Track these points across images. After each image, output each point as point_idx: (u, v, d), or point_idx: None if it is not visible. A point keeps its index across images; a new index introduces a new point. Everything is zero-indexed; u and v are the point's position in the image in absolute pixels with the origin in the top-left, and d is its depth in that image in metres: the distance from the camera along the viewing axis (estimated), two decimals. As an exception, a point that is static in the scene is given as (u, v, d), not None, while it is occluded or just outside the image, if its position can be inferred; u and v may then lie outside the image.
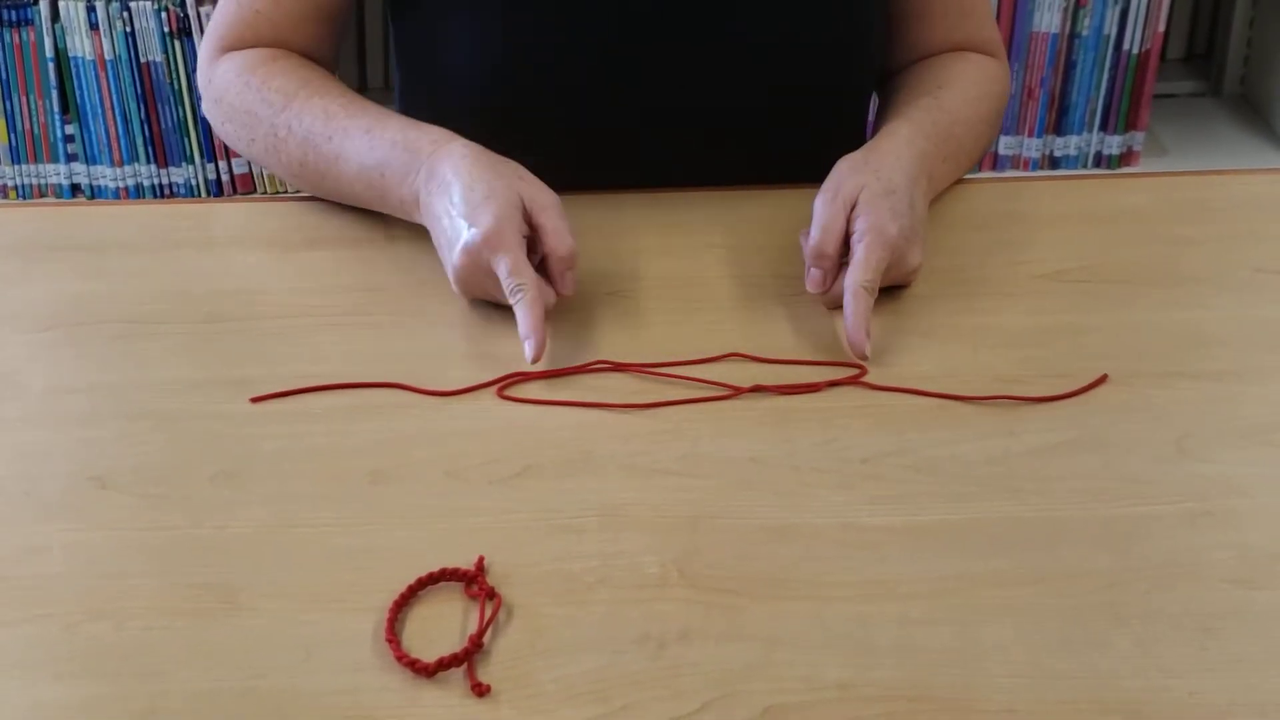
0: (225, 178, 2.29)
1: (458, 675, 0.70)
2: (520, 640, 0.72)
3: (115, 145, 2.26)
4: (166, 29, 2.18)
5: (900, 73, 1.16)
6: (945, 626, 0.73)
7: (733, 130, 1.12)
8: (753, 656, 0.71)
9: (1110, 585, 0.75)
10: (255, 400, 0.89)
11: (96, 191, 2.31)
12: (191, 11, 2.17)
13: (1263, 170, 1.18)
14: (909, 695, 0.69)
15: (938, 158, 1.04)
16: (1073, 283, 1.00)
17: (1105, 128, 2.34)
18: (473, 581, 0.75)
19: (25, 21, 2.19)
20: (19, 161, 2.29)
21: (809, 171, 1.06)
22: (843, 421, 0.87)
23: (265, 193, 2.30)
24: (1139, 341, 0.94)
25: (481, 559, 0.76)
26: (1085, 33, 2.27)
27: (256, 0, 1.09)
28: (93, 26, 2.18)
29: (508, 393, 0.89)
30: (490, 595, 0.74)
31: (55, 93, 2.23)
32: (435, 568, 0.76)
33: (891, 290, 0.97)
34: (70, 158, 2.28)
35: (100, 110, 2.24)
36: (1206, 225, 1.07)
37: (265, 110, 1.05)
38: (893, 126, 1.04)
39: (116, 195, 2.30)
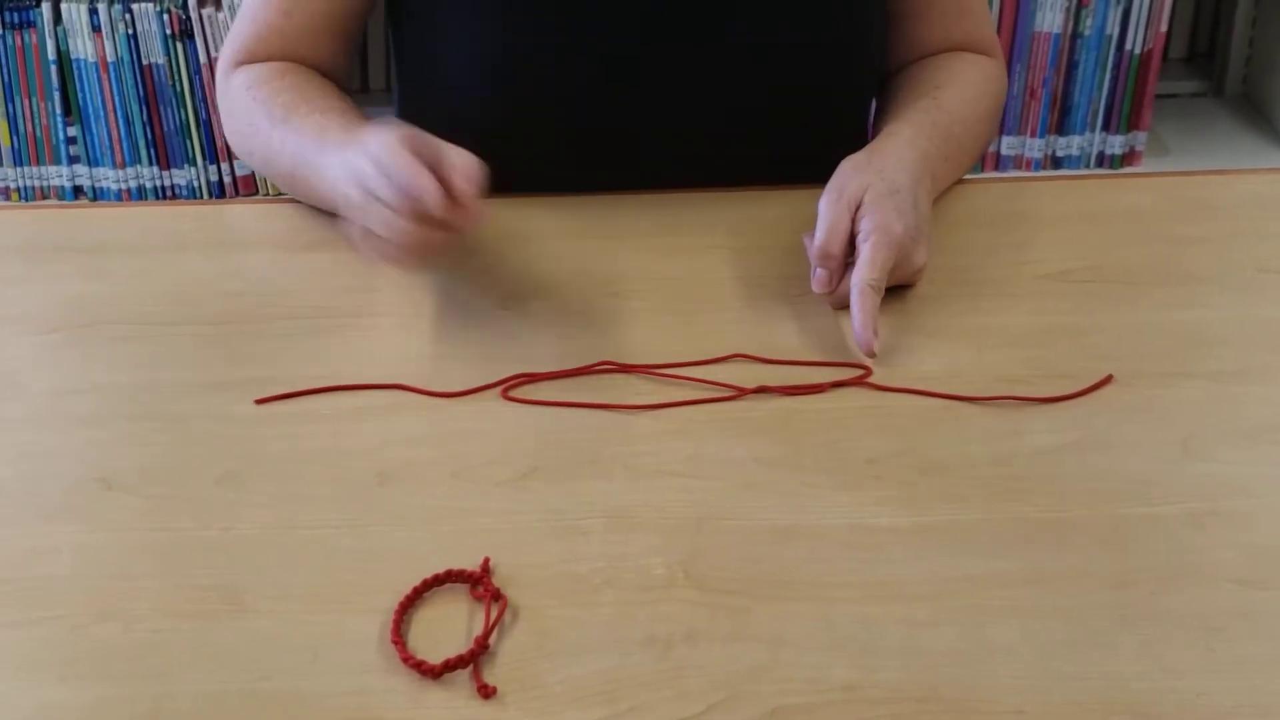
0: (227, 180, 2.29)
1: (464, 677, 0.70)
2: (526, 642, 0.72)
3: (117, 147, 2.26)
4: (168, 31, 2.18)
5: (898, 73, 1.16)
6: (951, 627, 0.73)
7: (733, 131, 1.12)
8: (759, 658, 0.71)
9: (1116, 586, 0.75)
10: (260, 402, 0.89)
11: (99, 193, 2.31)
12: (194, 14, 2.17)
13: (1266, 170, 1.18)
14: (915, 696, 0.69)
15: (939, 157, 1.05)
16: (1076, 283, 1.00)
17: (1108, 128, 2.34)
18: (478, 583, 0.75)
19: (27, 23, 2.19)
20: (21, 163, 2.28)
21: (810, 172, 1.06)
22: (848, 422, 0.87)
23: (268, 194, 2.30)
24: (1143, 342, 0.94)
25: (487, 560, 0.76)
26: (1087, 32, 2.27)
27: (269, 15, 1.10)
28: (95, 29, 2.18)
29: (513, 394, 0.89)
30: (496, 597, 0.74)
31: (57, 95, 2.23)
32: (441, 569, 0.76)
33: (896, 290, 0.97)
34: (72, 160, 2.28)
35: (102, 112, 2.24)
36: (1210, 225, 1.07)
37: (265, 122, 1.05)
38: (894, 128, 1.05)
39: (118, 197, 2.30)
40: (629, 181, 1.09)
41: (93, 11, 2.17)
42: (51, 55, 2.20)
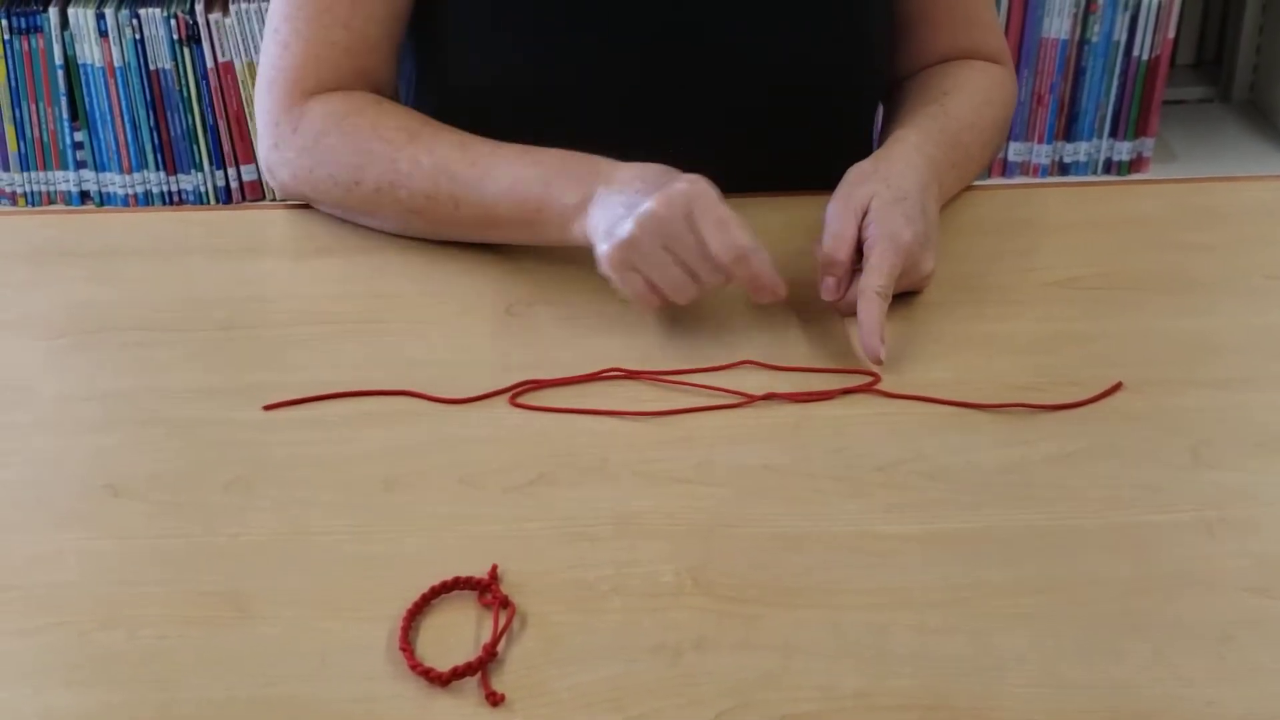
0: (234, 185, 2.29)
1: (472, 684, 0.70)
2: (534, 649, 0.72)
3: (124, 152, 2.27)
4: (176, 36, 2.18)
5: (906, 80, 1.16)
6: (962, 635, 0.72)
7: (739, 138, 1.12)
8: (769, 665, 0.71)
9: (1127, 594, 0.75)
10: (268, 408, 0.89)
11: (105, 199, 2.31)
12: (200, 19, 2.17)
13: (1274, 176, 1.18)
14: (926, 704, 0.69)
15: (946, 164, 1.04)
16: (1084, 290, 1.00)
17: (1115, 134, 2.33)
18: (486, 590, 0.75)
19: (35, 29, 2.19)
20: (28, 168, 2.29)
21: (816, 178, 1.06)
22: (856, 429, 0.87)
23: (275, 200, 2.30)
24: (1152, 349, 0.94)
25: (495, 567, 0.76)
26: (1095, 39, 2.26)
27: (330, 32, 1.04)
28: (102, 34, 2.18)
29: (521, 400, 0.89)
30: (504, 604, 0.74)
31: (64, 100, 2.23)
32: (449, 576, 0.76)
33: (903, 297, 0.97)
34: (79, 165, 2.29)
35: (109, 117, 2.24)
36: (1218, 232, 1.07)
37: (384, 148, 1.00)
38: (901, 134, 1.04)
39: (125, 202, 2.30)
40: None
41: (100, 16, 2.17)
42: (58, 60, 2.21)
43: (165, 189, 2.30)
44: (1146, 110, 2.32)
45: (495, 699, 0.69)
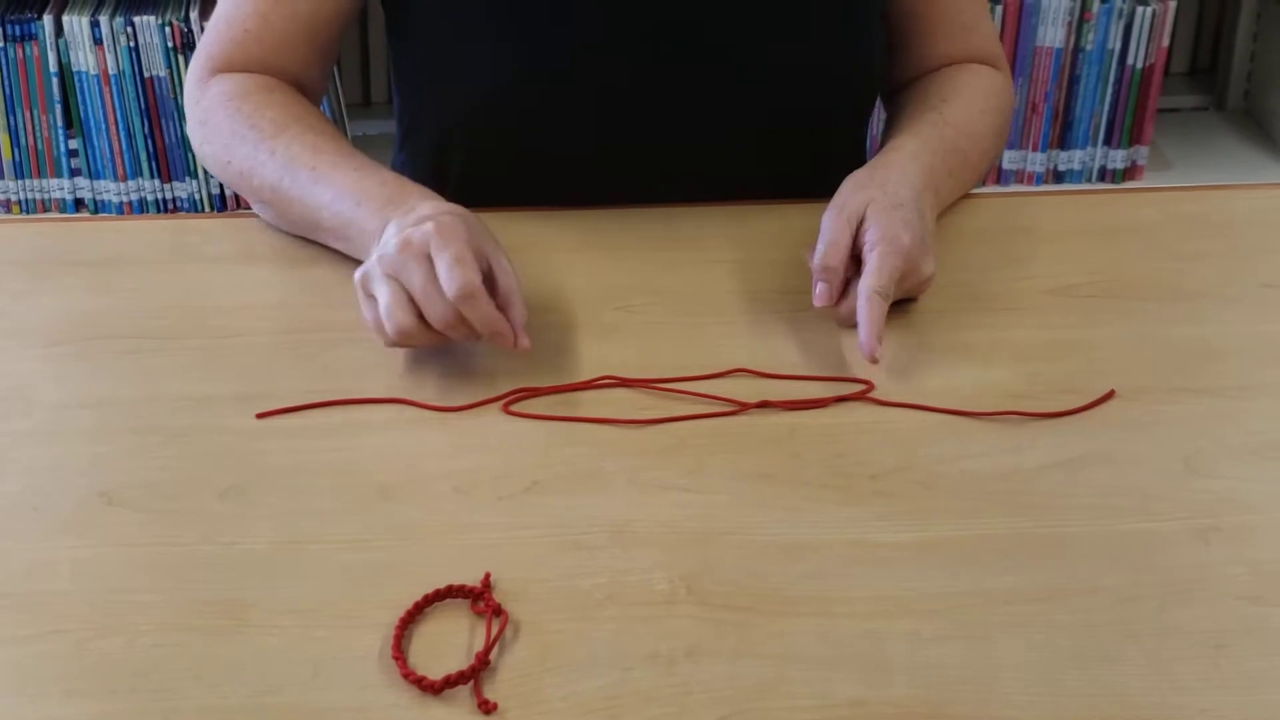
0: (229, 192, 2.29)
1: (465, 693, 0.70)
2: (528, 657, 0.72)
3: (119, 160, 2.26)
4: (170, 44, 2.18)
5: (904, 87, 1.16)
6: (957, 643, 0.72)
7: (733, 149, 1.12)
8: (764, 674, 0.71)
9: (1122, 602, 0.75)
10: (262, 416, 0.88)
11: (100, 206, 2.31)
12: (195, 27, 2.17)
13: (1269, 185, 1.18)
14: (921, 712, 0.69)
15: (943, 171, 1.04)
16: (1079, 298, 1.00)
17: (1109, 142, 2.34)
18: (480, 598, 0.75)
19: (29, 36, 2.19)
20: (22, 176, 2.28)
21: (812, 186, 1.06)
22: (851, 437, 0.87)
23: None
24: (1146, 357, 0.94)
25: (488, 575, 0.76)
26: (1089, 47, 2.27)
27: (247, 19, 1.08)
28: (96, 41, 2.18)
29: (514, 408, 0.89)
30: (497, 612, 0.74)
31: (59, 107, 2.23)
32: (442, 584, 0.76)
33: (898, 305, 0.97)
34: (74, 172, 2.28)
35: (104, 125, 2.24)
36: (1212, 240, 1.07)
37: (252, 135, 1.03)
38: (898, 142, 1.04)
39: (120, 210, 2.30)
40: (630, 197, 1.09)
41: (94, 24, 2.17)
42: (53, 67, 2.21)
43: (160, 196, 2.30)
44: (1141, 118, 2.32)
45: (488, 707, 0.69)
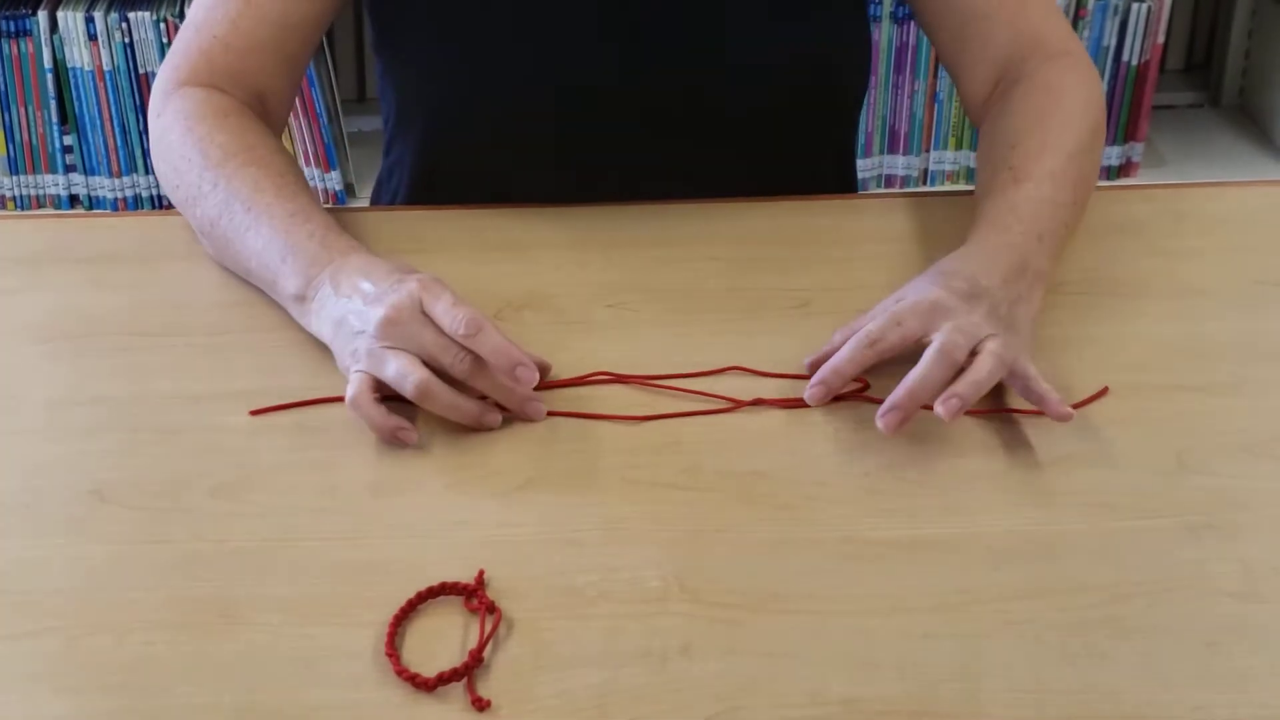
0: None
1: (458, 690, 0.70)
2: (521, 654, 0.72)
3: (114, 156, 2.26)
4: (165, 40, 2.18)
5: (982, 109, 1.10)
6: (947, 640, 0.73)
7: (721, 146, 1.12)
8: (755, 671, 0.71)
9: (1112, 599, 0.75)
10: (255, 413, 0.88)
11: (95, 202, 2.31)
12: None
13: (1263, 182, 1.18)
14: (911, 710, 0.69)
15: (1031, 236, 0.95)
16: (1073, 294, 1.00)
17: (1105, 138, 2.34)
18: (473, 595, 0.75)
19: (24, 32, 2.19)
20: (17, 172, 2.28)
21: (800, 179, 1.06)
22: (844, 435, 0.87)
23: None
24: (1139, 354, 0.94)
25: (482, 572, 0.76)
26: (1084, 43, 2.27)
27: (216, 25, 1.06)
28: (91, 37, 2.18)
29: (508, 405, 0.89)
30: (490, 609, 0.74)
31: (54, 104, 2.23)
32: (435, 581, 0.76)
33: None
34: (69, 169, 2.28)
35: (99, 121, 2.24)
36: (1207, 237, 1.07)
37: (200, 160, 1.01)
38: (970, 237, 0.97)
39: (115, 206, 2.30)
40: (617, 196, 1.09)
41: (89, 20, 2.17)
42: (48, 64, 2.21)
43: (155, 193, 2.29)
44: (1136, 115, 2.33)
45: (481, 704, 0.69)
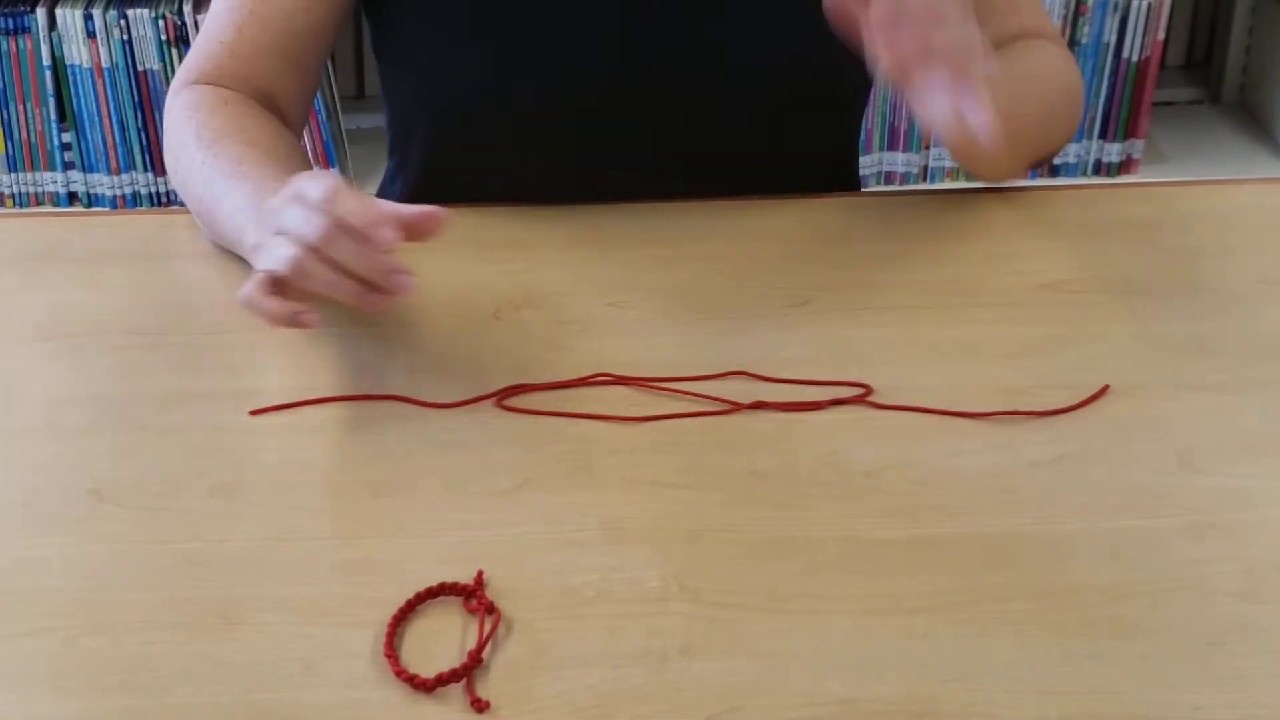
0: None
1: (457, 690, 0.70)
2: (520, 655, 0.72)
3: (112, 153, 2.26)
4: (164, 37, 2.18)
5: None
6: (948, 641, 0.72)
7: (726, 143, 1.12)
8: (755, 671, 0.71)
9: (1114, 599, 0.75)
10: (254, 413, 0.88)
11: (93, 200, 2.30)
12: (189, 20, 2.17)
13: (1265, 180, 1.18)
14: (912, 710, 0.69)
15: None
16: (1074, 293, 0.99)
17: (1105, 135, 2.34)
18: (472, 595, 0.75)
19: (22, 29, 2.19)
20: (16, 170, 2.28)
21: (804, 181, 1.06)
22: (844, 434, 0.86)
23: (263, 201, 2.29)
24: (1141, 353, 0.94)
25: (481, 573, 0.76)
26: (1085, 40, 2.27)
27: (223, 31, 1.08)
28: (90, 35, 2.18)
29: (507, 404, 0.89)
30: (490, 609, 0.74)
31: (52, 101, 2.23)
32: (434, 581, 0.75)
33: (892, 304, 0.97)
34: (67, 166, 2.28)
35: (97, 118, 2.24)
36: (1209, 236, 1.07)
37: (194, 144, 1.02)
38: None
39: (113, 204, 2.30)
40: (619, 196, 1.09)
41: (88, 17, 2.17)
42: (46, 61, 2.20)
43: (153, 190, 2.29)
44: (1136, 112, 2.32)
45: (480, 705, 0.69)
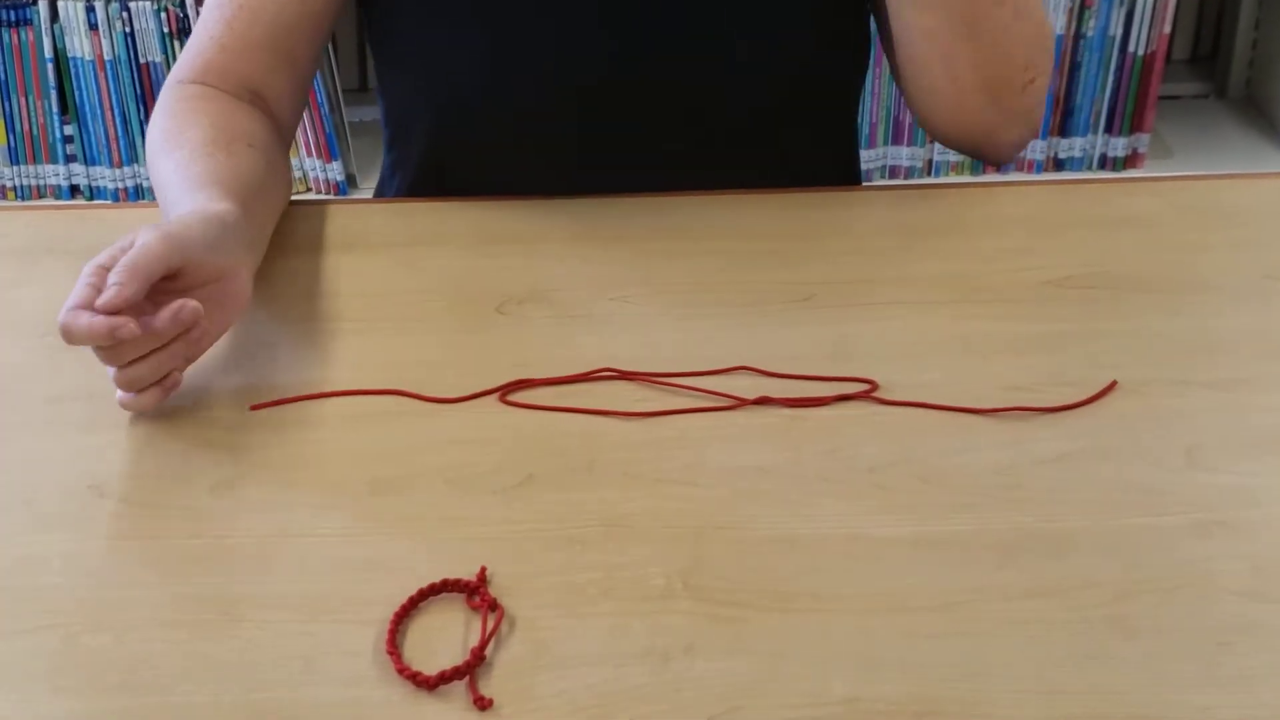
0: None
1: (460, 688, 0.70)
2: (523, 653, 0.71)
3: (114, 146, 2.26)
4: (166, 29, 2.17)
5: None
6: (952, 639, 0.72)
7: (726, 138, 1.11)
8: (758, 670, 0.70)
9: (1119, 598, 0.74)
10: (256, 408, 0.88)
11: (95, 192, 2.30)
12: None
13: (1271, 174, 1.17)
14: (915, 709, 0.68)
15: None
16: (1080, 289, 0.99)
17: (1110, 130, 2.33)
18: (475, 593, 0.74)
19: (24, 22, 2.18)
20: (18, 162, 2.28)
21: (803, 178, 1.06)
22: (849, 431, 0.86)
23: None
24: (1148, 349, 0.93)
25: (484, 569, 0.76)
26: (1090, 34, 2.26)
27: (214, 26, 1.07)
28: (92, 27, 2.17)
29: (511, 399, 0.88)
30: (492, 607, 0.73)
31: (54, 93, 2.22)
32: (437, 578, 0.75)
33: (897, 299, 0.96)
34: (69, 158, 2.28)
35: (99, 111, 2.23)
36: (1216, 231, 1.06)
37: (165, 148, 1.01)
38: None
39: (115, 196, 2.30)
40: (619, 189, 1.09)
41: (90, 9, 2.16)
42: (48, 53, 2.20)
43: (156, 183, 2.29)
44: (1142, 106, 2.32)
45: (483, 703, 0.69)
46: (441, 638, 0.72)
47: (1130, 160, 2.36)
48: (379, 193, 1.24)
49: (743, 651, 0.71)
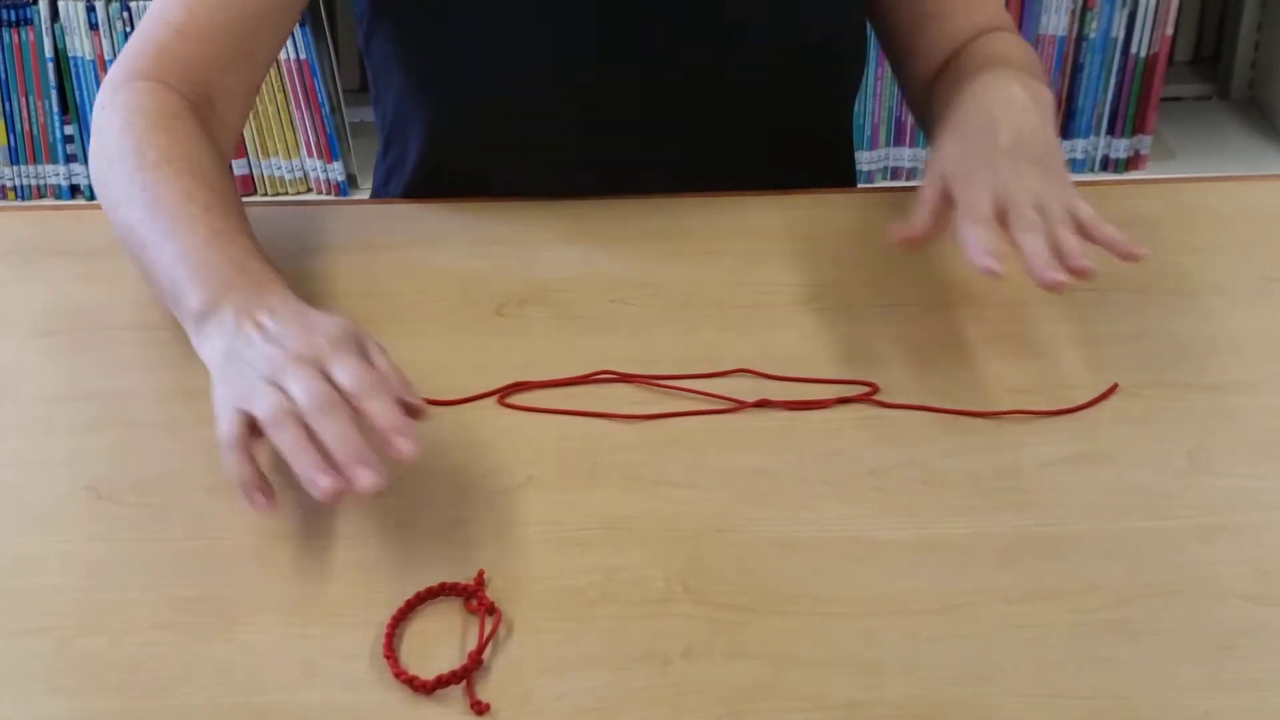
0: (226, 179, 2.28)
1: (457, 693, 0.69)
2: (521, 657, 0.71)
3: (116, 146, 2.25)
4: (167, 29, 2.17)
5: (933, 77, 1.13)
6: (954, 643, 0.72)
7: (725, 130, 1.11)
8: (759, 674, 0.70)
9: (1122, 601, 0.74)
10: (253, 409, 0.87)
11: (95, 193, 2.30)
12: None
13: (1274, 176, 1.17)
14: (917, 713, 0.68)
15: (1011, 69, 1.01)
16: (1081, 291, 0.98)
17: (1112, 131, 2.33)
18: (473, 596, 0.74)
19: (24, 21, 2.18)
20: (18, 162, 2.28)
21: (798, 179, 1.05)
22: (850, 433, 0.86)
23: (266, 194, 2.29)
24: (1149, 351, 0.93)
25: (482, 573, 0.75)
26: (1093, 35, 2.26)
27: (171, 12, 1.01)
28: (92, 27, 2.17)
29: (509, 402, 0.88)
30: (490, 610, 0.73)
31: (54, 93, 2.22)
32: (435, 581, 0.75)
33: (899, 301, 0.96)
34: (69, 158, 2.27)
35: (101, 111, 2.23)
36: (1218, 233, 1.06)
37: (134, 160, 0.95)
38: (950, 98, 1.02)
39: (117, 196, 2.29)
40: (620, 190, 1.08)
41: (90, 9, 2.16)
42: (49, 53, 2.20)
43: (157, 183, 2.28)
44: (1144, 107, 2.31)
45: (480, 708, 0.68)
46: (439, 641, 0.72)
47: (1132, 162, 2.35)
48: (375, 196, 1.24)
49: (743, 655, 0.71)
